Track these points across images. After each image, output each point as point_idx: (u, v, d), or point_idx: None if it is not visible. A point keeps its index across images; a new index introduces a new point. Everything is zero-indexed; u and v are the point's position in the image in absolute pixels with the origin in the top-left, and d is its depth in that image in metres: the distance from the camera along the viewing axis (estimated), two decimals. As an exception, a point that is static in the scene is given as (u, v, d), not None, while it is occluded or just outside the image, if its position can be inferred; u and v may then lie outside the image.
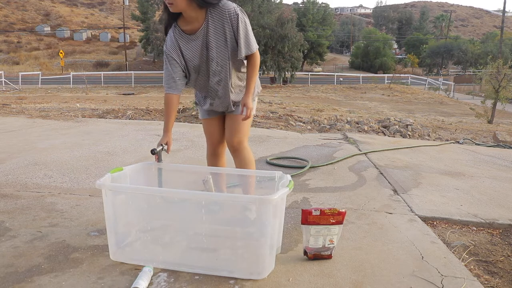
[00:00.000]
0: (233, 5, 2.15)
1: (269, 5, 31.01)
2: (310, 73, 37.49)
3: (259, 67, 2.29)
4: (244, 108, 2.17)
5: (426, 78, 35.85)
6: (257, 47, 2.22)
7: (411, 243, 2.18)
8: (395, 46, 67.99)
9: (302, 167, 3.64)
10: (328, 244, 1.92)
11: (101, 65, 41.68)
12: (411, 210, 2.69)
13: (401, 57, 61.20)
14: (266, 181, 2.16)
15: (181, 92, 2.29)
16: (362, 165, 3.87)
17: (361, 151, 4.50)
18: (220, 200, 1.85)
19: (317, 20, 50.32)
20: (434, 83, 32.41)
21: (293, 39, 29.42)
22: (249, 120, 2.26)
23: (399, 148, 4.80)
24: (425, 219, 2.55)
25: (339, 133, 6.28)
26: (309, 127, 7.58)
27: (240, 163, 2.37)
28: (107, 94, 21.51)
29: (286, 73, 30.83)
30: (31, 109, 9.50)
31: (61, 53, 35.94)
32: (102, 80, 29.37)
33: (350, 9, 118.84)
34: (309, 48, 42.87)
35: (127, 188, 1.97)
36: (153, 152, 2.17)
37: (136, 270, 1.80)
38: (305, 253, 1.94)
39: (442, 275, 1.85)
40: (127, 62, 41.17)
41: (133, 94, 22.05)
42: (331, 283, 1.76)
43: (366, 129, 7.48)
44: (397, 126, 7.70)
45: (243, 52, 2.17)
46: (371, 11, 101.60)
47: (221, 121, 2.44)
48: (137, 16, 43.52)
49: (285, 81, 31.26)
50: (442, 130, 9.47)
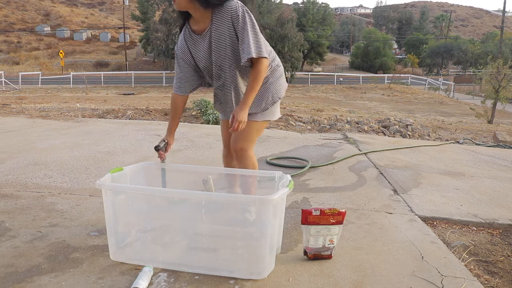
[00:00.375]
0: (236, 4, 2.02)
1: (269, 5, 31.07)
2: (310, 73, 37.47)
3: None
4: (234, 120, 2.01)
5: (426, 78, 35.86)
6: (261, 53, 2.01)
7: (411, 243, 2.18)
8: (395, 46, 67.99)
9: (302, 167, 3.64)
10: (328, 244, 1.92)
11: (101, 65, 41.69)
12: (411, 210, 2.69)
13: (401, 57, 61.20)
14: (266, 181, 2.16)
15: (189, 94, 2.25)
16: (362, 165, 3.87)
17: (361, 151, 4.50)
18: (220, 200, 1.85)
19: (317, 20, 50.35)
20: (434, 83, 32.41)
21: (293, 39, 29.47)
22: (256, 127, 2.20)
23: (399, 148, 4.80)
24: (425, 219, 2.55)
25: (339, 133, 6.28)
26: (309, 127, 7.59)
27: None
28: (107, 94, 21.52)
29: (286, 73, 30.88)
30: (31, 109, 9.50)
31: (61, 53, 35.94)
32: (102, 80, 29.37)
33: (350, 9, 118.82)
34: (309, 48, 42.93)
35: (127, 188, 1.97)
36: (157, 148, 2.16)
37: (136, 270, 1.80)
38: (305, 253, 1.94)
39: (442, 275, 1.85)
40: (127, 62, 41.18)
41: (133, 94, 22.07)
42: (331, 283, 1.76)
43: (366, 129, 7.48)
44: (397, 126, 7.70)
45: (243, 56, 2.01)
46: (371, 11, 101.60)
47: None
48: (137, 16, 43.55)
49: (285, 81, 31.29)
50: (442, 130, 9.47)
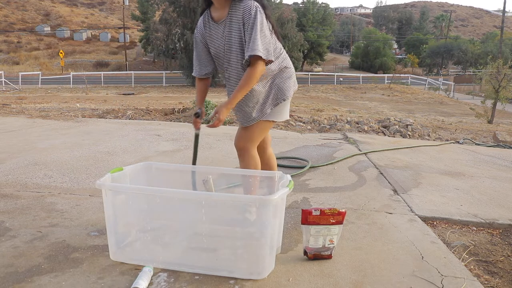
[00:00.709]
0: (251, 4, 2.02)
1: (269, 5, 31.04)
2: (310, 73, 37.45)
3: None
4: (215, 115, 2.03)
5: (426, 78, 35.85)
6: (262, 54, 1.99)
7: (411, 243, 2.18)
8: (395, 46, 68.01)
9: (302, 167, 3.64)
10: (328, 244, 1.92)
11: (101, 65, 41.72)
12: (411, 210, 2.69)
13: (401, 57, 61.23)
14: (266, 181, 2.16)
15: (208, 77, 2.31)
16: (362, 165, 3.87)
17: (361, 151, 4.49)
18: (220, 200, 1.85)
19: (317, 20, 50.40)
20: (434, 83, 32.41)
21: (293, 39, 29.45)
22: (260, 127, 2.21)
23: (399, 148, 4.80)
24: (425, 219, 2.55)
25: (339, 133, 6.28)
26: (309, 127, 7.58)
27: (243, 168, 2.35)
28: (107, 94, 21.50)
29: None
30: (31, 109, 9.50)
31: (61, 53, 35.96)
32: (102, 80, 29.37)
33: (350, 9, 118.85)
34: (309, 48, 42.97)
35: (127, 188, 1.97)
36: (197, 114, 2.20)
37: (136, 270, 1.80)
38: (305, 253, 1.94)
39: (442, 275, 1.85)
40: (127, 62, 41.21)
41: (133, 94, 22.05)
42: (331, 283, 1.76)
43: (366, 129, 7.48)
44: (397, 126, 7.70)
45: (246, 53, 2.01)
46: (371, 11, 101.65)
47: None
48: (137, 16, 43.61)
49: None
50: (442, 130, 9.47)
